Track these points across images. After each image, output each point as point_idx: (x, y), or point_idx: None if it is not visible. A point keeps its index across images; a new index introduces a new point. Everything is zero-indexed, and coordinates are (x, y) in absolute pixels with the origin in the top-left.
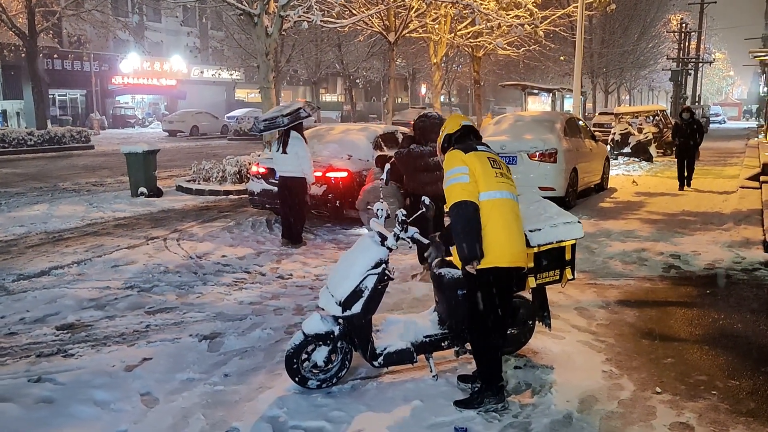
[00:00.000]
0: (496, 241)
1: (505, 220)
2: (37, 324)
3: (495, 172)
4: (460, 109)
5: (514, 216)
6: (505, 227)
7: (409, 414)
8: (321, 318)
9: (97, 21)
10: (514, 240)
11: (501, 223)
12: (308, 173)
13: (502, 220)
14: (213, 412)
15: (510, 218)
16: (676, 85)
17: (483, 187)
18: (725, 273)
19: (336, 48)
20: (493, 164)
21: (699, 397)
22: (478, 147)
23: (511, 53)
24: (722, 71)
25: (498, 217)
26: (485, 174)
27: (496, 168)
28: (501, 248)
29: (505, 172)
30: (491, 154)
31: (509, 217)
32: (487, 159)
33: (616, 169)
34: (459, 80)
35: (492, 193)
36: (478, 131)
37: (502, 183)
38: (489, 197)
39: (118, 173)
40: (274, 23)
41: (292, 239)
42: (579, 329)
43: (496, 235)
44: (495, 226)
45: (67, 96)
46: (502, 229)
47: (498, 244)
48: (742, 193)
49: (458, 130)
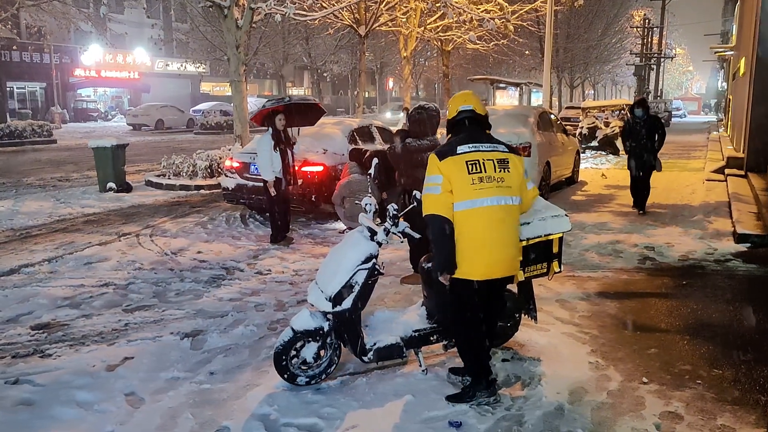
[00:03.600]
0: (469, 254)
1: (481, 231)
2: (11, 324)
3: (472, 178)
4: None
5: (494, 224)
6: (481, 239)
7: (401, 409)
8: (310, 314)
9: (58, 12)
10: (492, 251)
11: (475, 234)
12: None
13: (477, 231)
14: (201, 411)
15: (487, 227)
16: (639, 80)
17: (458, 197)
18: (699, 264)
19: (303, 41)
20: (471, 168)
21: (685, 387)
22: (459, 148)
23: (481, 47)
24: (682, 66)
25: (472, 229)
26: (461, 182)
27: (475, 173)
28: (471, 262)
29: (491, 174)
30: (475, 155)
31: (486, 226)
32: (465, 164)
33: (584, 162)
34: (426, 74)
35: (466, 203)
36: (481, 116)
37: (481, 190)
38: (464, 207)
39: (84, 168)
40: (245, 15)
41: (273, 238)
42: (562, 321)
43: (469, 248)
44: (468, 238)
45: (26, 89)
46: (476, 241)
47: (470, 257)
48: (708, 186)
49: (455, 116)
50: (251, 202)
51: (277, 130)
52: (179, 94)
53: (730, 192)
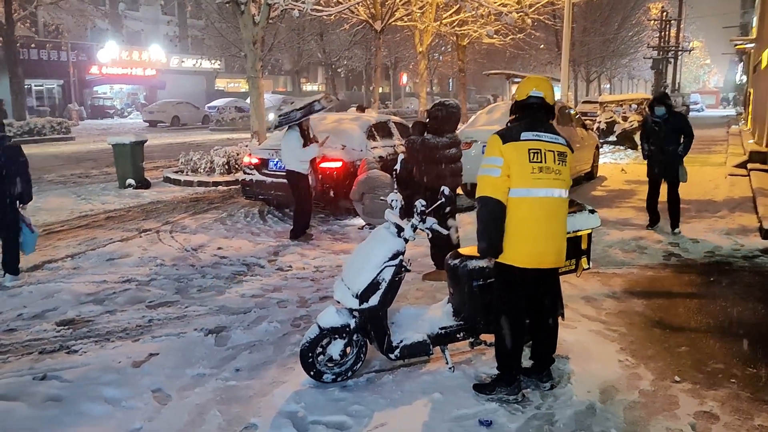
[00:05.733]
0: (516, 240)
1: (532, 220)
2: (36, 320)
3: (533, 167)
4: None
5: (546, 215)
6: (530, 228)
7: (430, 407)
8: (336, 311)
9: (75, 10)
10: (539, 241)
11: (526, 222)
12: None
13: (529, 220)
14: (229, 408)
15: (539, 217)
16: (657, 74)
17: (515, 183)
18: (726, 260)
19: (318, 37)
20: (533, 157)
21: (719, 386)
22: (523, 135)
23: (497, 42)
24: (699, 60)
25: (524, 216)
26: (521, 169)
27: (536, 162)
28: (518, 248)
29: (550, 165)
30: (538, 144)
31: (538, 216)
32: (527, 151)
33: (603, 157)
34: (440, 69)
35: (523, 190)
36: (549, 105)
37: (539, 179)
38: (519, 195)
39: (102, 165)
40: (262, 11)
41: (293, 233)
42: (589, 319)
43: (517, 234)
44: (518, 225)
45: (43, 86)
46: (525, 229)
47: (516, 244)
48: (731, 181)
49: (524, 99)
50: (270, 198)
51: (305, 128)
52: (194, 91)
53: (754, 187)
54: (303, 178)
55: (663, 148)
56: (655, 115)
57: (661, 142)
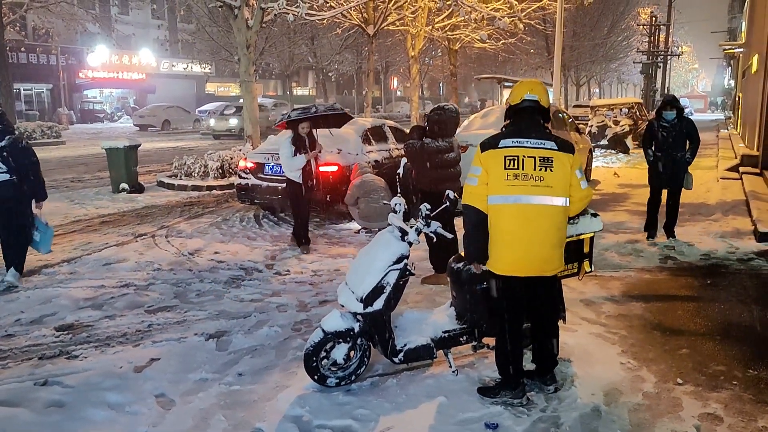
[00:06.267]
0: (494, 248)
1: (508, 227)
2: (35, 325)
3: (507, 174)
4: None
5: (523, 222)
6: (508, 235)
7: (435, 410)
8: (340, 315)
9: (65, 13)
10: (515, 248)
11: (503, 230)
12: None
13: (505, 228)
14: (233, 413)
15: (515, 224)
16: (646, 78)
17: (491, 191)
18: (722, 263)
19: (309, 41)
20: (508, 164)
21: (721, 388)
22: (502, 142)
23: (489, 46)
24: (688, 64)
25: (500, 224)
26: (496, 177)
27: (511, 169)
28: (495, 255)
29: (528, 172)
30: (517, 150)
31: (515, 223)
32: (503, 158)
33: (595, 161)
34: (431, 73)
35: (498, 198)
36: (543, 108)
37: (513, 186)
38: (495, 202)
39: (95, 169)
40: (255, 15)
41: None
42: (589, 322)
43: (495, 241)
44: (496, 231)
45: (32, 90)
46: (501, 236)
47: (494, 251)
48: (723, 184)
49: (517, 104)
50: (265, 202)
51: (299, 135)
52: (184, 95)
53: (747, 190)
54: (295, 186)
55: (672, 154)
56: (663, 120)
57: (670, 148)
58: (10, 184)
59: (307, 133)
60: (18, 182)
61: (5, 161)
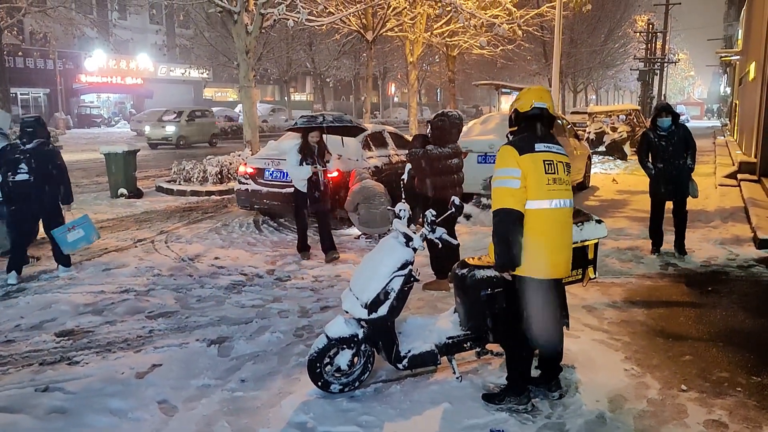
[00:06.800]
0: (536, 252)
1: (549, 232)
2: (35, 330)
3: (548, 178)
4: (429, 108)
5: (560, 226)
6: (548, 239)
7: (440, 417)
8: (345, 321)
9: (63, 18)
10: (556, 252)
11: (544, 234)
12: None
13: (546, 232)
14: (237, 420)
15: (555, 229)
16: (643, 85)
17: (532, 195)
18: (722, 270)
19: (307, 47)
20: (548, 169)
21: (725, 395)
22: (536, 146)
23: (487, 53)
24: (684, 71)
25: (541, 229)
26: (537, 181)
27: (551, 173)
28: (537, 260)
29: (561, 176)
30: (550, 155)
31: (555, 227)
32: (542, 162)
33: (593, 167)
34: (428, 79)
35: (540, 202)
36: (551, 116)
37: (554, 191)
38: (536, 206)
39: (93, 174)
40: (254, 21)
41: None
42: (592, 328)
43: (536, 246)
44: (537, 237)
45: (29, 95)
46: (544, 240)
47: (536, 255)
48: (721, 191)
49: (528, 111)
50: (265, 207)
51: (308, 144)
52: (182, 100)
53: (745, 197)
54: (300, 195)
55: (673, 163)
56: (660, 128)
57: (671, 157)
58: (27, 184)
59: (316, 142)
60: (35, 183)
61: (27, 163)
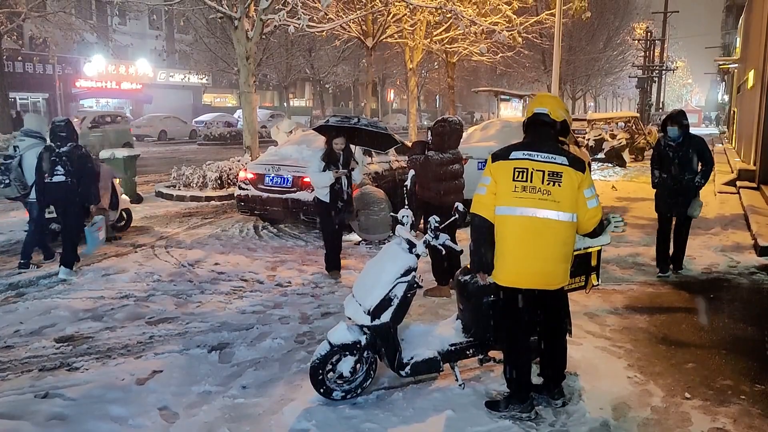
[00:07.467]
0: (500, 258)
1: (512, 239)
2: (34, 336)
3: (515, 185)
4: (428, 114)
5: (528, 235)
6: (512, 247)
7: (443, 424)
8: (347, 327)
9: (63, 23)
10: (519, 260)
11: (506, 241)
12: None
13: (508, 239)
14: (239, 426)
15: (524, 238)
16: (641, 92)
17: (498, 201)
18: (724, 277)
19: (306, 53)
20: (517, 176)
21: (729, 402)
22: (513, 153)
23: (487, 60)
24: (682, 79)
25: (504, 235)
26: (504, 187)
27: (519, 180)
28: (500, 266)
29: (536, 185)
30: (526, 163)
31: (524, 236)
32: (512, 170)
33: (592, 174)
34: (428, 86)
35: (504, 209)
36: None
37: (521, 198)
38: (501, 213)
39: None
40: (255, 27)
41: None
42: (594, 335)
43: (500, 252)
44: (500, 243)
45: (29, 99)
46: (507, 248)
47: (500, 261)
48: (721, 198)
49: (529, 117)
50: (265, 213)
51: (332, 151)
52: (181, 105)
53: (745, 204)
54: (322, 206)
55: (675, 176)
56: (668, 137)
57: (674, 169)
58: (65, 185)
59: (342, 149)
60: (72, 184)
61: (64, 165)
